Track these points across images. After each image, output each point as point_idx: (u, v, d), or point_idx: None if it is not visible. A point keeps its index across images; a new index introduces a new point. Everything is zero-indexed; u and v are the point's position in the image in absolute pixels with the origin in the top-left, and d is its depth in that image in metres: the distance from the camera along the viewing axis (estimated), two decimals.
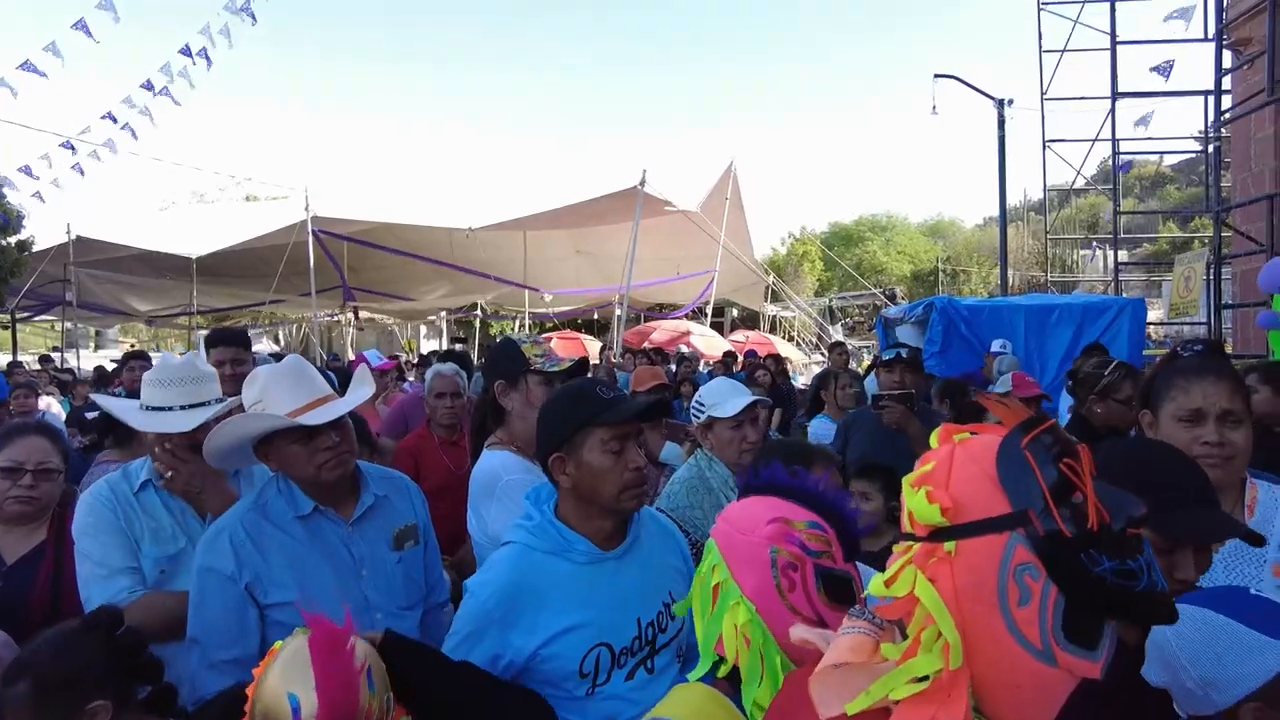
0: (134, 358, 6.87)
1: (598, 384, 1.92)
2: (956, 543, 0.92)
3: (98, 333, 31.30)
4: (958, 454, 0.96)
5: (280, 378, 2.06)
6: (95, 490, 2.29)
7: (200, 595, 1.98)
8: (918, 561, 0.94)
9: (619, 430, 1.81)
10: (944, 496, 0.93)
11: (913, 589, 0.93)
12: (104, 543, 2.18)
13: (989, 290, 36.19)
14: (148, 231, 19.40)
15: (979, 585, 0.91)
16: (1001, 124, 12.71)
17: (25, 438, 2.48)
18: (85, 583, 2.16)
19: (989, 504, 0.92)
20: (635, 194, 16.24)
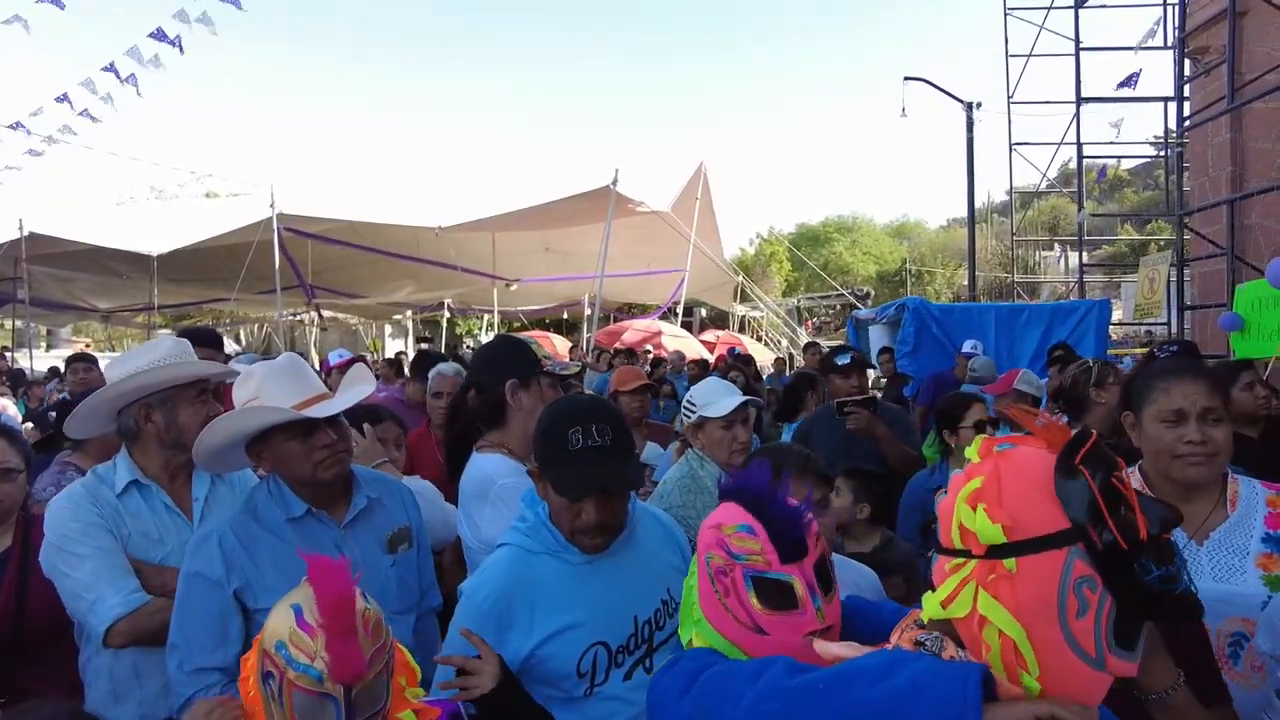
0: (78, 360, 6.70)
1: (578, 426, 1.76)
2: (1017, 559, 0.93)
3: (50, 332, 30.46)
4: (1004, 469, 0.97)
5: (277, 374, 2.02)
6: (72, 495, 2.17)
7: (184, 600, 1.92)
8: (978, 579, 0.95)
9: None
10: (1003, 514, 0.94)
11: (975, 607, 0.94)
12: (99, 544, 2.09)
13: (954, 291, 36.74)
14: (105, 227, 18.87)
15: (1041, 600, 0.92)
16: (970, 126, 12.90)
17: None
18: (88, 584, 2.04)
19: (1047, 520, 0.94)
20: (606, 195, 16.19)
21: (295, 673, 1.25)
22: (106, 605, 2.03)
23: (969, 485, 0.98)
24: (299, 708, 1.25)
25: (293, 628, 1.27)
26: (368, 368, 2.47)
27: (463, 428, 2.53)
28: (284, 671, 1.25)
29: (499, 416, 2.45)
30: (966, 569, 0.96)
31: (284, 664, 1.25)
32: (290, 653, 1.26)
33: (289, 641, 1.27)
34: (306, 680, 1.25)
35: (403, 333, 30.40)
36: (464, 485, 2.40)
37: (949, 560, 1.00)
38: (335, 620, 1.27)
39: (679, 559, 2.03)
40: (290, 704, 1.25)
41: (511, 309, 25.24)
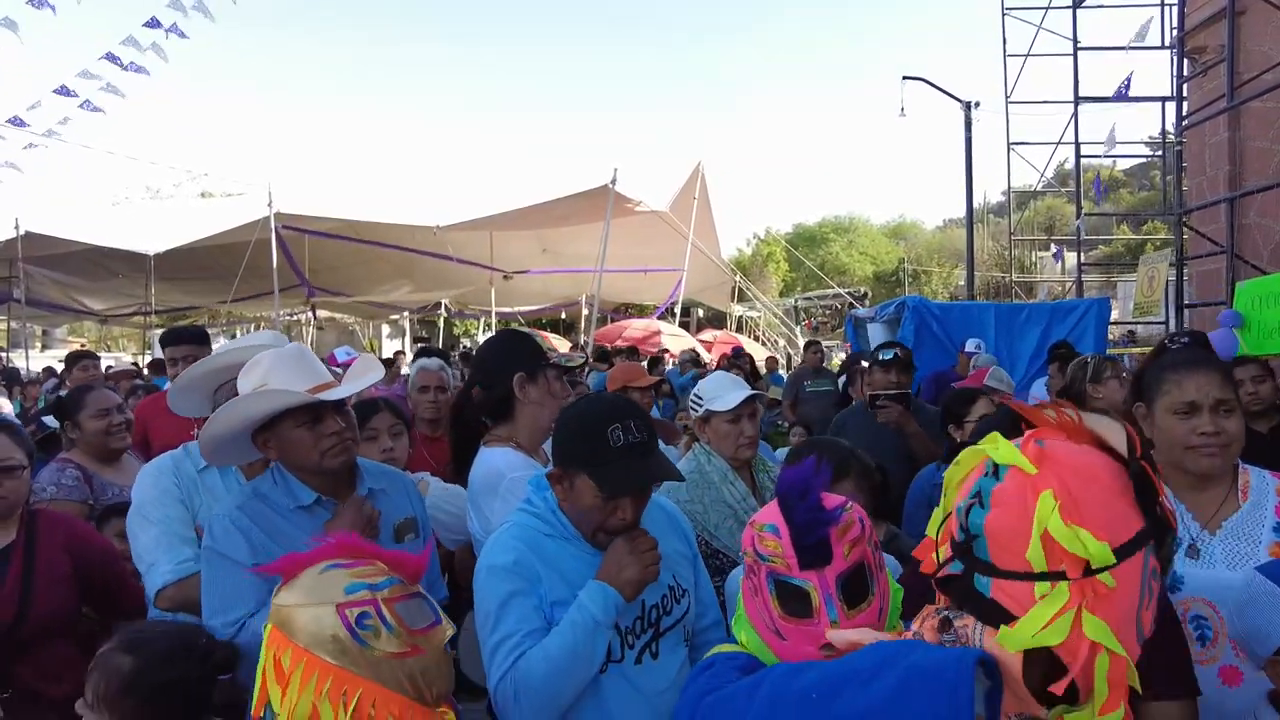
0: (81, 358, 6.69)
1: (619, 421, 1.78)
2: (1112, 572, 0.90)
3: (45, 332, 30.40)
4: (1068, 477, 0.93)
5: (285, 361, 2.02)
6: (159, 465, 2.38)
7: (211, 577, 1.96)
8: (1083, 603, 0.90)
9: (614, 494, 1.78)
10: (1099, 529, 0.91)
11: (1077, 633, 0.90)
12: (169, 514, 2.25)
13: (950, 291, 36.79)
14: (100, 227, 18.82)
15: (1128, 604, 0.92)
16: (968, 126, 12.92)
17: None
18: (150, 549, 2.21)
19: (1128, 521, 0.92)
20: (604, 194, 16.18)
21: (384, 591, 1.33)
22: (159, 571, 2.17)
23: (1047, 502, 0.92)
24: (406, 616, 1.33)
25: (350, 571, 1.35)
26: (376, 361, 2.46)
27: (469, 423, 2.51)
28: (374, 598, 1.32)
29: (506, 410, 2.44)
30: (1062, 594, 0.90)
31: (370, 593, 1.32)
32: (369, 582, 1.33)
33: (357, 578, 1.34)
34: (397, 589, 1.35)
35: (400, 333, 30.37)
36: (473, 480, 2.40)
37: (1030, 586, 0.92)
38: (369, 547, 1.40)
39: (684, 546, 2.05)
40: (398, 618, 1.31)
41: (509, 309, 25.20)
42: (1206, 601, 1.85)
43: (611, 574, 1.76)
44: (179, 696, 1.62)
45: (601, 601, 1.72)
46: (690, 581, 2.01)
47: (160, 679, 1.60)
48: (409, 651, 1.31)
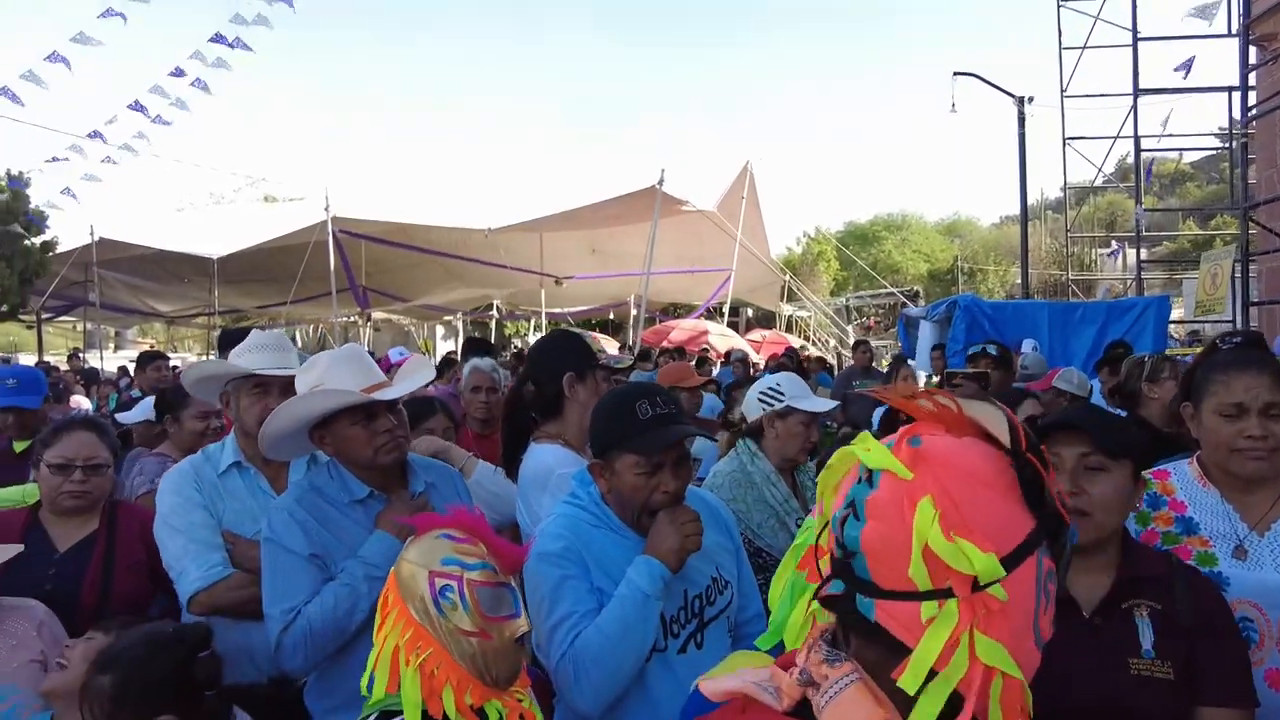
0: (153, 358, 6.98)
1: (644, 398, 1.90)
2: (1004, 584, 0.79)
3: (117, 333, 31.61)
4: (945, 478, 0.82)
5: (341, 362, 2.12)
6: (179, 472, 2.40)
7: (271, 567, 2.04)
8: (966, 623, 0.79)
9: (652, 457, 1.86)
10: (983, 537, 0.79)
11: (973, 657, 0.79)
12: (194, 520, 2.29)
13: (1006, 290, 35.97)
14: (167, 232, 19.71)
15: (1025, 614, 0.82)
16: (1022, 122, 12.63)
17: (73, 433, 2.53)
18: (178, 557, 2.25)
19: (1017, 525, 0.82)
20: (652, 194, 16.24)
21: (473, 572, 1.43)
22: (189, 578, 2.23)
23: (926, 512, 0.80)
24: (484, 601, 1.43)
25: (453, 544, 1.46)
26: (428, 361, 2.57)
27: (520, 419, 2.60)
28: (462, 576, 1.42)
29: (556, 408, 2.52)
30: (951, 616, 0.79)
31: (460, 570, 1.42)
32: (463, 560, 1.44)
33: (455, 553, 1.44)
34: (485, 574, 1.44)
35: (453, 334, 30.87)
36: (523, 475, 2.48)
37: (916, 607, 0.80)
38: (483, 529, 1.51)
39: (727, 539, 2.11)
40: (475, 600, 1.41)
41: (559, 310, 25.42)
42: (1253, 604, 1.83)
43: (654, 546, 1.83)
44: (168, 690, 1.67)
45: (647, 574, 1.79)
46: (733, 573, 2.07)
47: (142, 684, 1.66)
48: (478, 633, 1.42)
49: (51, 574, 2.35)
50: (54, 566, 2.38)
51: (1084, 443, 1.72)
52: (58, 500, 2.47)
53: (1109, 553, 1.72)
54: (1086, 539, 1.68)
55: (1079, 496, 1.68)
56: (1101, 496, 1.68)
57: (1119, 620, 1.66)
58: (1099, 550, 1.71)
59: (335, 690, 2.09)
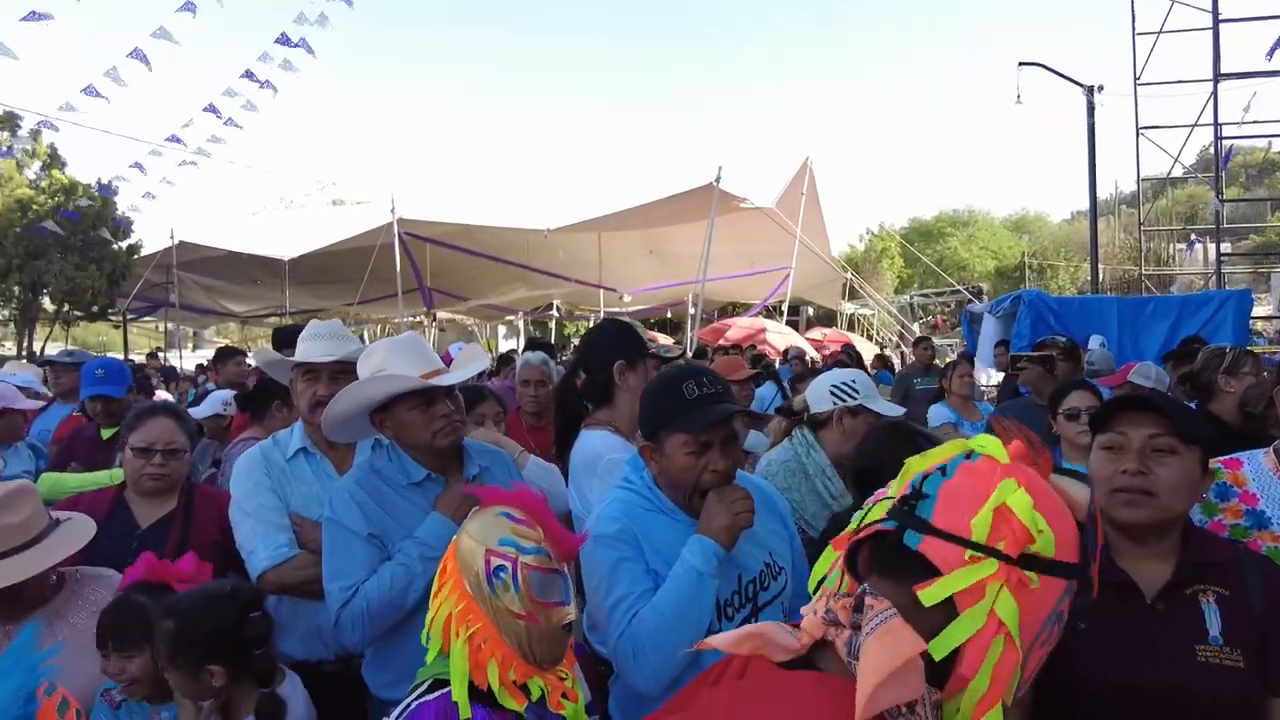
0: (232, 354, 7.28)
1: (690, 379, 1.94)
2: (1040, 576, 0.91)
3: (195, 333, 32.95)
4: (1038, 486, 0.94)
5: (401, 348, 2.21)
6: (250, 458, 2.52)
7: (331, 546, 2.14)
8: (1007, 581, 0.90)
9: (700, 435, 1.89)
10: (1051, 526, 0.92)
11: (994, 608, 0.89)
12: (262, 503, 2.41)
13: (1077, 286, 34.85)
14: (241, 236, 20.45)
15: (1034, 621, 0.91)
16: (1091, 112, 12.23)
17: (155, 419, 2.69)
18: (248, 538, 2.38)
19: (1068, 548, 0.93)
20: (709, 192, 16.21)
21: (528, 556, 1.48)
22: (257, 558, 2.34)
23: (1013, 484, 0.93)
24: (535, 585, 1.48)
25: (512, 525, 1.51)
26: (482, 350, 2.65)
27: (572, 406, 2.66)
28: (516, 558, 1.47)
29: (607, 396, 2.58)
30: (988, 566, 0.90)
31: (515, 552, 1.47)
32: (520, 543, 1.48)
33: (513, 534, 1.49)
34: (539, 560, 1.49)
35: (515, 333, 31.34)
36: (573, 461, 2.55)
37: (961, 550, 0.91)
38: (544, 513, 1.56)
39: (780, 526, 2.13)
40: (526, 584, 1.47)
41: (616, 309, 25.59)
42: None
43: (706, 525, 1.87)
44: (224, 639, 1.85)
45: (700, 552, 1.83)
46: (787, 560, 2.09)
47: (200, 631, 1.83)
48: (526, 616, 1.47)
49: (134, 549, 2.50)
50: (136, 542, 2.53)
51: (1155, 424, 1.69)
52: (139, 481, 2.62)
53: (1171, 539, 1.69)
54: (1150, 520, 1.66)
55: (1146, 477, 1.65)
56: (1169, 479, 1.65)
57: (1184, 606, 1.63)
58: (1162, 536, 1.68)
59: (391, 665, 2.18)
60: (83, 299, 17.94)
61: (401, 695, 1.99)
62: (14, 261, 17.02)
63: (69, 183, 17.59)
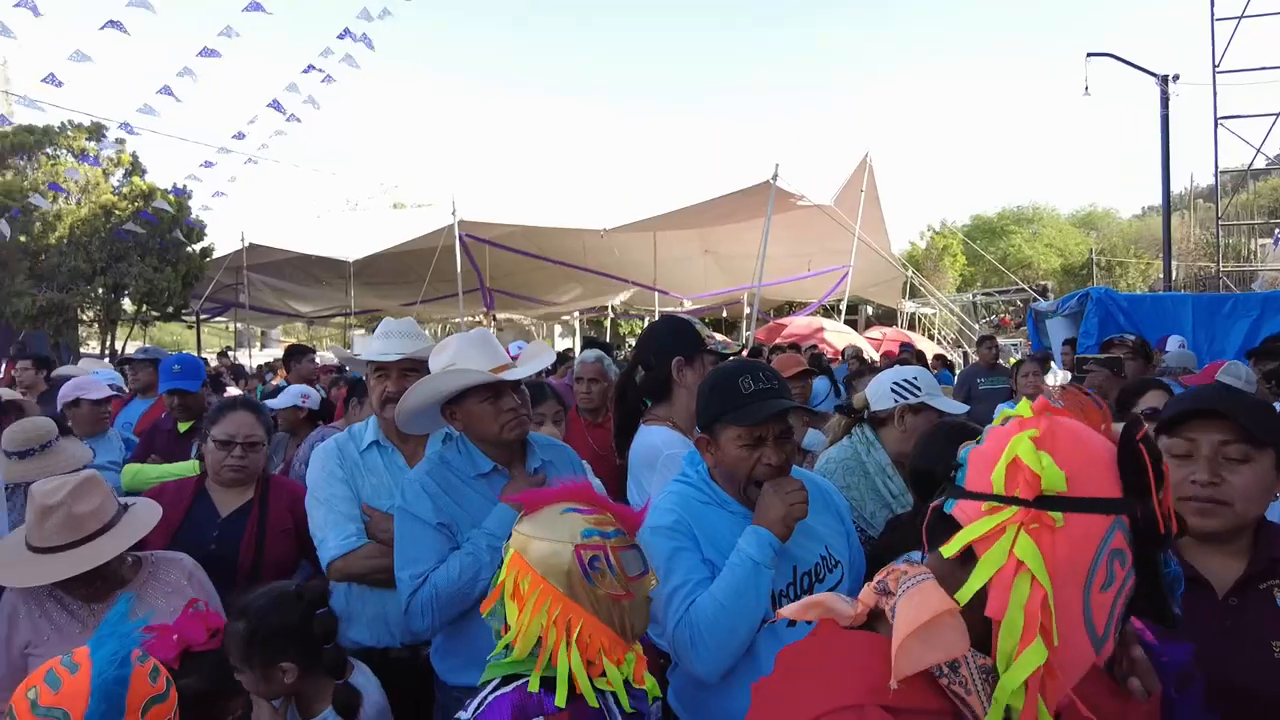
0: (303, 352, 7.53)
1: (747, 374, 1.96)
2: (1064, 514, 0.91)
3: (263, 333, 34.03)
4: (1060, 429, 0.95)
5: (471, 344, 2.28)
6: (325, 448, 2.63)
7: (402, 535, 2.21)
8: (1022, 523, 0.91)
9: (753, 430, 1.91)
10: (1066, 469, 0.92)
11: (1012, 549, 0.91)
12: (334, 493, 2.51)
13: (1149, 284, 33.69)
14: (307, 238, 21.09)
15: (1075, 562, 0.90)
16: (1165, 102, 11.81)
17: (235, 413, 2.82)
18: (320, 526, 2.49)
19: (1102, 484, 0.92)
20: (765, 190, 16.10)
21: (614, 539, 1.55)
22: (327, 546, 2.45)
23: (1027, 432, 0.95)
24: (627, 564, 1.55)
25: (586, 517, 1.57)
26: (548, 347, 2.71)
27: (631, 402, 2.70)
28: (605, 545, 1.53)
29: (665, 391, 2.61)
30: (1007, 512, 0.92)
31: (601, 540, 1.54)
32: (602, 530, 1.55)
33: (593, 525, 1.56)
34: (622, 540, 1.57)
35: (571, 332, 31.66)
36: (632, 455, 2.59)
37: (981, 505, 0.95)
38: (601, 498, 1.62)
39: (837, 521, 2.13)
40: (620, 565, 1.53)
41: (671, 309, 25.62)
42: None
43: (761, 516, 1.89)
44: (289, 639, 1.93)
45: (755, 542, 1.85)
46: (844, 555, 2.10)
47: (269, 629, 1.92)
48: (624, 595, 1.53)
49: (215, 535, 2.64)
50: (217, 529, 2.67)
51: (1225, 430, 1.65)
52: (220, 472, 2.76)
53: (1244, 538, 1.66)
54: (1222, 528, 1.63)
55: (1218, 486, 1.62)
56: (1243, 487, 1.61)
57: (1258, 602, 1.59)
58: (1235, 537, 1.65)
59: (459, 651, 2.25)
60: (160, 300, 18.68)
61: (468, 681, 2.06)
62: (98, 265, 17.83)
63: (148, 188, 18.35)
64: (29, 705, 1.36)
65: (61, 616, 2.18)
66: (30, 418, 3.66)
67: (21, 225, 16.68)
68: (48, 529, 2.12)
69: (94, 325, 20.19)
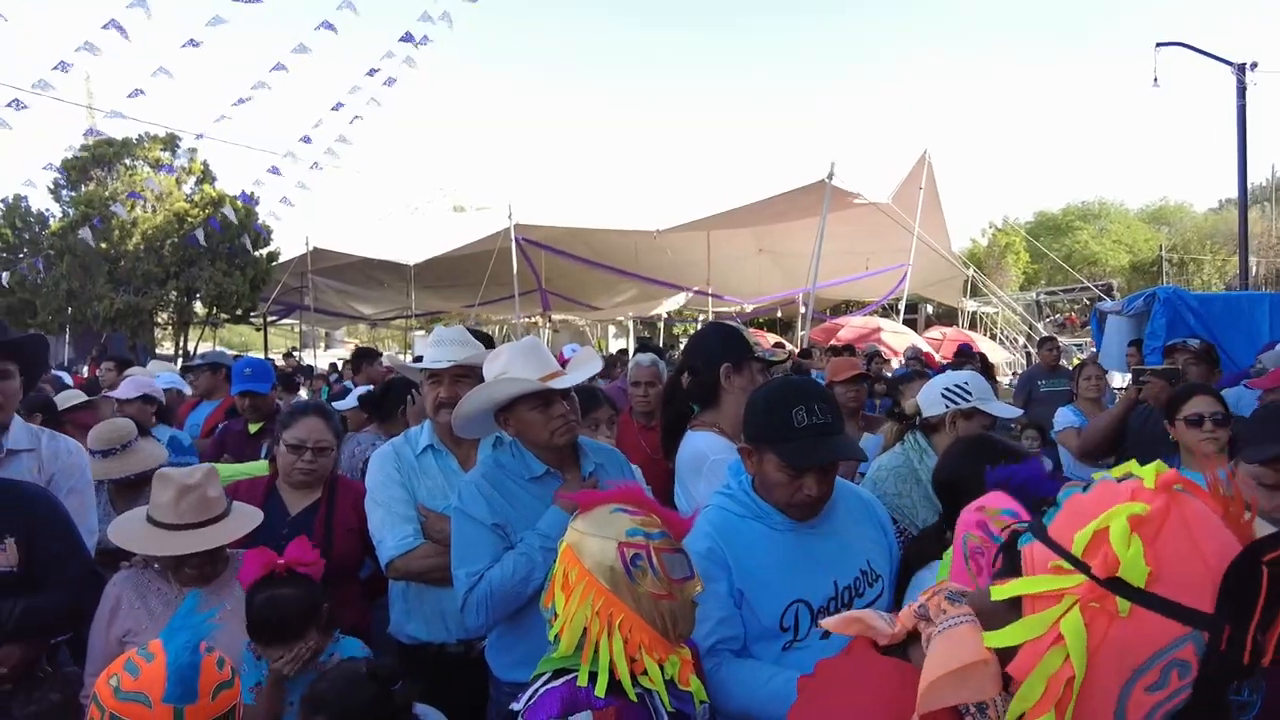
0: (372, 355, 7.75)
1: (801, 405, 1.92)
2: (1132, 606, 0.83)
3: (327, 334, 34.98)
4: (1173, 514, 0.85)
5: (522, 352, 2.36)
6: (384, 452, 2.75)
7: (459, 536, 2.30)
8: (1082, 598, 0.85)
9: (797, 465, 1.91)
10: (1154, 558, 0.83)
11: (1059, 619, 0.85)
12: (392, 495, 2.63)
13: (1225, 281, 32.39)
14: (369, 241, 21.70)
15: (1125, 654, 0.84)
16: (1242, 92, 11.35)
17: (307, 418, 2.94)
18: (379, 527, 2.60)
19: (1193, 592, 0.83)
20: (821, 188, 15.96)
21: (657, 541, 1.60)
22: (386, 547, 2.57)
23: (1132, 507, 0.86)
24: (669, 565, 1.59)
25: (632, 517, 1.62)
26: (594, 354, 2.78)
27: (679, 407, 2.74)
28: (648, 545, 1.59)
29: (712, 397, 2.64)
30: (1073, 579, 0.86)
31: (645, 540, 1.59)
32: (646, 530, 1.60)
33: (638, 525, 1.61)
34: (666, 542, 1.61)
35: (624, 333, 31.84)
36: (679, 460, 2.63)
37: (1053, 558, 0.89)
38: (651, 501, 1.66)
39: (878, 533, 2.14)
40: (663, 565, 1.58)
41: (725, 309, 25.55)
42: None
43: None
44: (374, 717, 1.93)
45: None
46: (885, 569, 2.10)
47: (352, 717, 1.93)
48: (666, 595, 1.57)
49: (285, 534, 2.75)
50: (287, 528, 2.79)
51: None
52: (290, 474, 2.89)
53: None
54: None
55: None
56: None
57: None
58: None
59: (513, 648, 2.33)
60: (229, 303, 19.45)
61: (522, 677, 2.12)
62: (171, 269, 18.65)
63: (218, 195, 19.12)
64: (112, 692, 1.47)
65: (159, 607, 2.35)
66: (113, 419, 3.88)
67: (102, 233, 17.56)
68: (184, 507, 2.33)
69: (168, 327, 21.07)
